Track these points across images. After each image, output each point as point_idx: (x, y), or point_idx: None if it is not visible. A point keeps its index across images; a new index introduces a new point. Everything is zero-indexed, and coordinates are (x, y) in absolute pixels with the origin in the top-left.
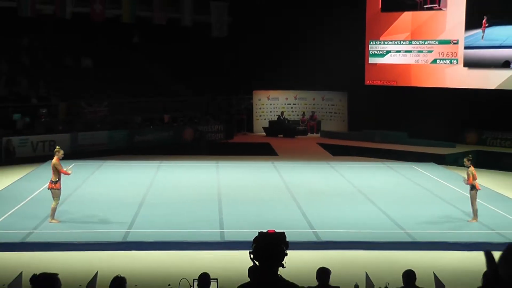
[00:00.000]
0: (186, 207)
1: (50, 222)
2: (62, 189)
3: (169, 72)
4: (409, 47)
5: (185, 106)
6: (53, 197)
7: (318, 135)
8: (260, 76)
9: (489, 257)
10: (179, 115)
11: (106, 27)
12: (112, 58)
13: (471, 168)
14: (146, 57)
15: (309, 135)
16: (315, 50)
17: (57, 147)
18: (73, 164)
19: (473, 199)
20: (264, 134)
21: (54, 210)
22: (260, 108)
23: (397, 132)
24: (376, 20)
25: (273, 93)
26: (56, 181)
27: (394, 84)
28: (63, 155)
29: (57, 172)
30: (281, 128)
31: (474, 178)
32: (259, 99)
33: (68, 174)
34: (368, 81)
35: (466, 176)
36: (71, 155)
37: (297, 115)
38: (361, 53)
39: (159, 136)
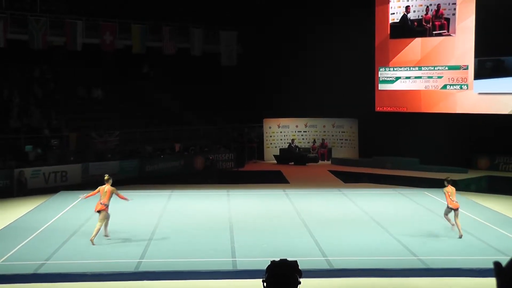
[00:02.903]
0: (197, 236)
1: (91, 240)
2: (74, 218)
3: (179, 101)
4: (418, 73)
5: (196, 135)
6: (100, 219)
7: (329, 162)
8: (270, 104)
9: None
10: (190, 144)
11: (117, 58)
12: (122, 88)
13: (446, 188)
14: (156, 87)
15: (320, 162)
16: (324, 78)
17: (106, 175)
18: (85, 194)
19: (454, 217)
20: (275, 162)
21: (97, 231)
22: (271, 136)
23: (408, 158)
24: (385, 47)
25: (283, 121)
26: (107, 205)
27: (405, 110)
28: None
29: (110, 197)
30: (292, 155)
31: (450, 198)
32: (270, 127)
33: (127, 200)
34: (378, 108)
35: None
36: (82, 185)
37: (308, 142)
38: (371, 80)
39: (170, 165)
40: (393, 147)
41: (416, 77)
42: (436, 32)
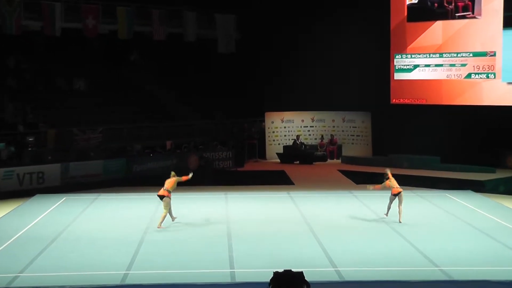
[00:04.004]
0: (191, 245)
1: (159, 227)
2: (52, 225)
3: (171, 94)
4: (439, 61)
5: (190, 131)
6: (165, 206)
7: (339, 161)
8: (273, 96)
9: None
10: (183, 141)
11: (101, 44)
12: (107, 78)
13: (386, 182)
14: (145, 77)
15: (329, 161)
16: (333, 66)
17: (172, 172)
18: (64, 198)
19: (399, 204)
20: (278, 161)
21: (164, 218)
22: (274, 132)
23: (428, 157)
24: (402, 31)
25: (287, 115)
26: (170, 192)
27: (424, 102)
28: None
29: (174, 185)
30: (297, 153)
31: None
32: (272, 122)
33: (188, 177)
34: (394, 100)
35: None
36: (61, 188)
37: (315, 139)
38: (386, 69)
39: (161, 165)
40: (410, 144)
41: (436, 65)
42: (459, 14)
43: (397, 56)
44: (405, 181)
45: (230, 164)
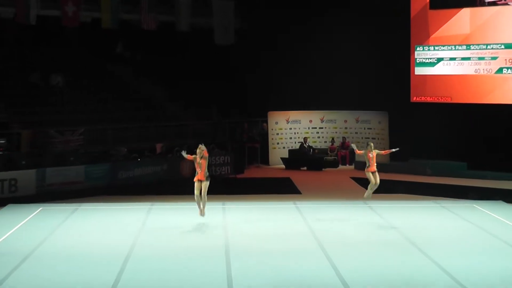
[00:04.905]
0: (184, 261)
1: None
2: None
3: (162, 90)
4: (466, 53)
5: (183, 133)
6: (204, 191)
7: (352, 167)
8: (277, 93)
9: None
10: (175, 144)
11: (82, 35)
12: (89, 73)
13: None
14: (132, 72)
15: (340, 167)
16: (345, 60)
17: (200, 145)
18: (40, 208)
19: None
20: (283, 166)
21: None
22: (278, 134)
23: (454, 162)
24: (424, 20)
25: (293, 114)
26: (207, 175)
27: (448, 100)
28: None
29: (206, 167)
30: (305, 158)
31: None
32: (276, 123)
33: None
34: (414, 98)
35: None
36: (37, 197)
37: (325, 141)
38: (405, 62)
39: (150, 171)
40: (434, 148)
41: (463, 58)
42: (489, 0)
43: (418, 48)
44: (428, 191)
45: (229, 170)
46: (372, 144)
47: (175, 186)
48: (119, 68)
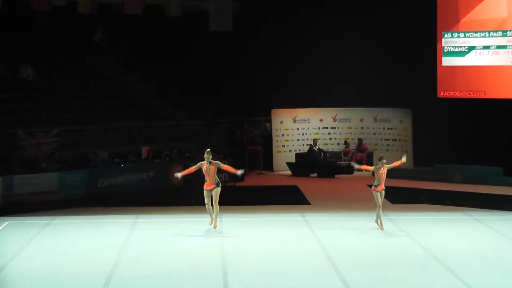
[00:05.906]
0: (175, 283)
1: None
2: None
3: (148, 85)
4: (502, 41)
5: (174, 134)
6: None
7: (369, 173)
8: (282, 87)
9: None
10: (164, 147)
11: (55, 21)
12: (63, 65)
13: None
14: (114, 63)
15: (356, 173)
16: (360, 50)
17: (208, 150)
18: (6, 222)
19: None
20: (289, 173)
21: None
22: (283, 135)
23: (487, 168)
24: (453, 2)
25: (301, 113)
26: (218, 182)
27: (481, 96)
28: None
29: (215, 173)
30: (314, 164)
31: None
32: (281, 122)
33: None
34: (442, 93)
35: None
36: (3, 209)
37: (338, 144)
38: (431, 52)
39: (134, 178)
40: (464, 151)
41: (498, 47)
42: None
43: (446, 35)
44: (456, 200)
45: (226, 177)
46: (385, 160)
47: (164, 196)
48: (99, 60)
